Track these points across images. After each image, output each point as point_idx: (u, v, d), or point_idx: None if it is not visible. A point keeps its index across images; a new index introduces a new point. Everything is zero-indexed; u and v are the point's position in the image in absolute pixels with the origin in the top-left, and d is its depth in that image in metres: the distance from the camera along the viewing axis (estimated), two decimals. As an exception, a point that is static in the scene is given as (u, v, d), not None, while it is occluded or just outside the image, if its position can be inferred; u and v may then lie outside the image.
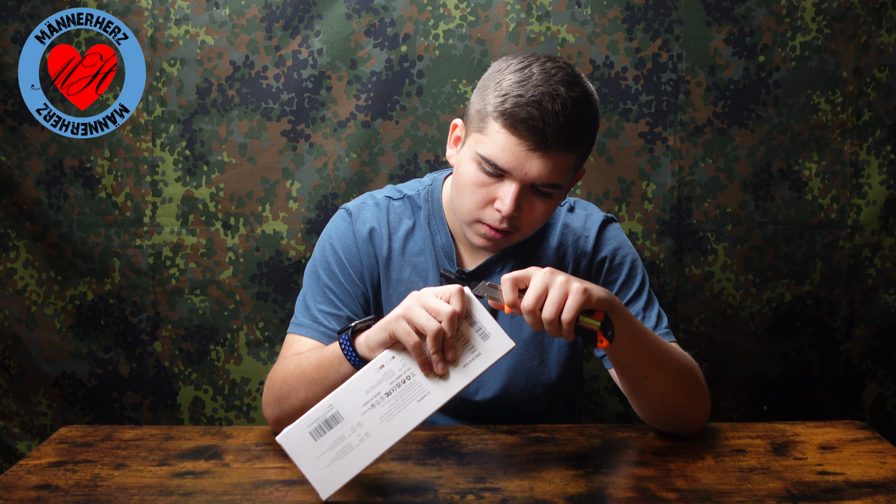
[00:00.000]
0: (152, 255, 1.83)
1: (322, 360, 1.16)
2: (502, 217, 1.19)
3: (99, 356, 1.86)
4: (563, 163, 1.17)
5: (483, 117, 1.18)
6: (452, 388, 1.05)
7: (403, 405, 1.04)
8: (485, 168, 1.17)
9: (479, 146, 1.18)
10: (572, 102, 1.14)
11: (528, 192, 1.18)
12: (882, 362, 1.89)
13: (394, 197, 1.37)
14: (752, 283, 1.85)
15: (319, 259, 1.33)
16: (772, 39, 1.79)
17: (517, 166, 1.15)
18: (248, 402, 1.86)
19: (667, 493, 1.05)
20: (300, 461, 1.03)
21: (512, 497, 1.04)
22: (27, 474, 1.11)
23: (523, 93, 1.14)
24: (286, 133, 1.80)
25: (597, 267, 1.34)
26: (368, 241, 1.32)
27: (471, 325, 1.06)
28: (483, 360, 1.05)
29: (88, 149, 1.81)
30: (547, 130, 1.13)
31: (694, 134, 1.81)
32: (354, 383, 1.05)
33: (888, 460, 1.15)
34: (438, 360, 1.04)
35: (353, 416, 1.04)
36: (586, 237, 1.35)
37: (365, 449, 1.03)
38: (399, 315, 1.04)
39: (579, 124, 1.16)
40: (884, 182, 1.83)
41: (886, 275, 1.86)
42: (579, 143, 1.17)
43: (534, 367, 1.35)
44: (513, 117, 1.14)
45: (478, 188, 1.19)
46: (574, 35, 1.78)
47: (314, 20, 1.78)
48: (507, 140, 1.15)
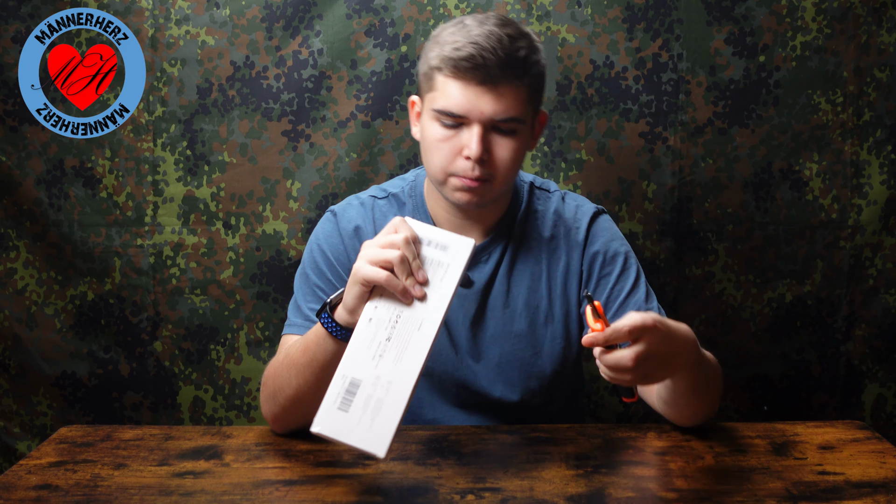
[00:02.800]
0: (153, 254, 1.83)
1: (308, 344, 1.17)
2: (473, 163, 1.22)
3: (99, 356, 1.86)
4: (515, 95, 1.21)
5: (430, 77, 1.23)
6: (441, 303, 1.06)
7: (407, 340, 1.05)
8: (444, 122, 1.22)
9: (434, 102, 1.23)
10: (507, 38, 1.20)
11: (491, 133, 1.22)
12: (882, 362, 1.89)
13: (378, 196, 1.39)
14: (752, 284, 1.85)
15: (307, 261, 1.35)
16: (772, 39, 1.79)
17: (472, 108, 1.20)
18: (248, 402, 1.86)
19: (667, 493, 1.05)
20: (343, 437, 1.03)
21: (512, 497, 1.04)
22: (27, 474, 1.11)
23: (460, 38, 1.20)
24: (286, 133, 1.81)
25: (590, 260, 1.35)
26: (354, 237, 1.34)
27: (426, 245, 1.09)
28: (454, 269, 1.07)
29: (89, 149, 1.81)
30: (489, 64, 1.18)
31: (694, 134, 1.81)
32: (354, 346, 1.06)
33: (888, 460, 1.15)
34: (413, 283, 1.06)
35: (368, 374, 1.04)
36: (577, 228, 1.36)
37: (395, 395, 1.03)
38: (360, 262, 1.07)
39: (519, 55, 1.20)
40: (884, 182, 1.83)
41: (887, 275, 1.86)
42: (525, 72, 1.21)
43: (527, 358, 1.35)
44: (455, 62, 1.19)
45: (443, 143, 1.23)
46: (574, 35, 1.78)
47: (314, 20, 1.78)
48: (455, 86, 1.20)
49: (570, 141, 1.81)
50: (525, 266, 1.36)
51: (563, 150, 1.81)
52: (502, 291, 1.35)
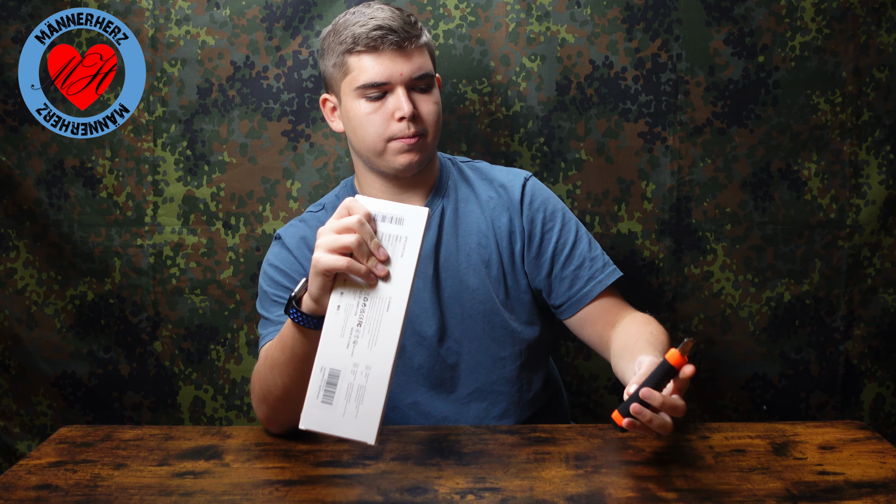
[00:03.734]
0: (153, 254, 1.83)
1: (284, 341, 1.18)
2: (407, 122, 1.33)
3: (99, 356, 1.86)
4: (421, 53, 1.36)
5: (342, 63, 1.35)
6: (405, 280, 1.06)
7: (378, 322, 1.06)
8: (369, 95, 1.34)
9: (355, 82, 1.34)
10: (396, 9, 1.36)
11: (413, 93, 1.35)
12: (881, 362, 1.89)
13: (315, 210, 1.50)
14: (751, 283, 1.86)
15: (263, 282, 1.42)
16: (771, 39, 1.79)
17: (392, 73, 1.33)
18: (248, 402, 1.86)
19: (667, 493, 1.05)
20: (331, 429, 1.04)
21: (512, 497, 1.04)
22: (27, 474, 1.11)
23: (358, 20, 1.34)
24: (286, 133, 1.81)
25: (530, 219, 1.44)
26: (301, 244, 1.42)
27: (381, 221, 1.08)
28: (412, 241, 1.07)
29: (89, 149, 1.81)
30: (395, 29, 1.32)
31: (693, 134, 1.82)
32: (327, 336, 1.06)
33: (888, 460, 1.15)
34: (375, 263, 1.06)
35: (345, 363, 1.05)
36: (512, 188, 1.45)
37: (375, 379, 1.04)
38: (318, 252, 1.08)
39: (411, 20, 1.36)
40: (883, 182, 1.83)
41: (886, 274, 1.86)
42: (421, 33, 1.37)
43: (486, 312, 1.42)
44: (365, 38, 1.32)
45: (373, 115, 1.34)
46: (574, 35, 1.78)
47: (314, 20, 1.78)
48: (371, 59, 1.33)
49: (569, 141, 1.81)
50: (469, 224, 1.43)
51: (563, 149, 1.81)
52: (453, 251, 1.42)
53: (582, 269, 1.42)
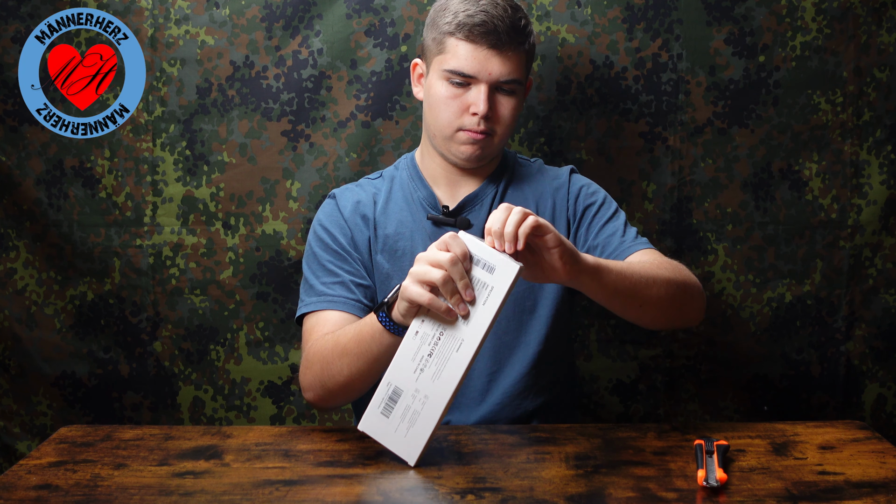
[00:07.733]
0: (152, 254, 1.83)
1: (361, 336, 1.22)
2: (479, 118, 1.36)
3: (99, 356, 1.86)
4: (517, 59, 1.37)
5: (440, 41, 1.37)
6: (481, 327, 1.09)
7: (446, 359, 1.10)
8: (454, 81, 1.37)
9: (445, 64, 1.37)
10: (510, 7, 1.37)
11: (495, 93, 1.38)
12: (883, 362, 1.89)
13: (372, 177, 1.54)
14: (752, 284, 1.85)
15: (313, 241, 1.45)
16: (772, 39, 1.79)
17: (481, 69, 1.35)
18: (248, 402, 1.86)
19: (667, 493, 1.05)
20: (383, 439, 1.13)
21: (512, 497, 1.04)
22: (27, 474, 1.11)
23: (470, 7, 1.35)
24: (286, 133, 1.80)
25: (575, 197, 1.49)
26: (355, 211, 1.46)
27: (475, 264, 1.10)
28: (497, 292, 1.09)
29: (88, 149, 1.81)
30: (499, 30, 1.33)
31: (694, 134, 1.81)
32: (400, 356, 1.12)
33: (888, 460, 1.15)
34: (458, 301, 1.09)
35: (409, 386, 1.11)
36: (560, 178, 1.51)
37: (429, 410, 1.11)
38: (409, 280, 1.11)
39: (521, 24, 1.37)
40: (884, 182, 1.83)
41: (887, 275, 1.86)
42: (525, 40, 1.38)
43: (510, 340, 1.43)
44: (468, 27, 1.34)
45: (451, 100, 1.37)
46: (574, 35, 1.78)
47: (314, 20, 1.78)
48: (467, 49, 1.35)
49: (569, 141, 1.81)
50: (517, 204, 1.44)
51: (563, 149, 1.81)
52: None
53: (614, 237, 1.45)
